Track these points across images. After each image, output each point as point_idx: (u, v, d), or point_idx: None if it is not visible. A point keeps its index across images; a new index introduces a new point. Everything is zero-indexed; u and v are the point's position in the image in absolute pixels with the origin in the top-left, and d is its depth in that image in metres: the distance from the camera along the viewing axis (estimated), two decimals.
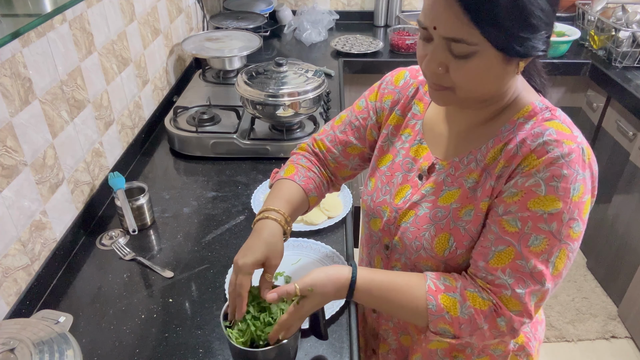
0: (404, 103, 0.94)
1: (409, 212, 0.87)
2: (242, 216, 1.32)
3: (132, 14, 1.55)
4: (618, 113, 2.20)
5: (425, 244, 0.83)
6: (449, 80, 0.73)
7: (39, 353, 0.73)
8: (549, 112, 0.77)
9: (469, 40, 0.68)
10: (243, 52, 1.94)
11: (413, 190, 0.88)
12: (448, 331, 0.78)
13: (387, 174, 0.93)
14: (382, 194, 0.92)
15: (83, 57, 1.26)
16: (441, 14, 0.68)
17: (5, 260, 0.98)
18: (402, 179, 0.90)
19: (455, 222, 0.81)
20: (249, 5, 2.57)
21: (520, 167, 0.74)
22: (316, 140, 1.06)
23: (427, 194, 0.85)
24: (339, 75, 2.18)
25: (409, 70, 0.96)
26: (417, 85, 0.93)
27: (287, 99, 1.50)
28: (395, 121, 0.94)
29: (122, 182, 1.23)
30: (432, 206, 0.84)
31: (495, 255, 0.76)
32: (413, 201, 0.87)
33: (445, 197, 0.83)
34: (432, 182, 0.85)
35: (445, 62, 0.71)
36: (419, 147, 0.90)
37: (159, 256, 1.20)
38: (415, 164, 0.89)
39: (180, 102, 1.78)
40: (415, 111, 0.92)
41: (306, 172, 1.00)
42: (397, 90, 0.95)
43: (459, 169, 0.83)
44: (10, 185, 0.99)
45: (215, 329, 1.00)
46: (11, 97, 0.99)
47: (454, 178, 0.83)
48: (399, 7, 2.70)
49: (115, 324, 1.02)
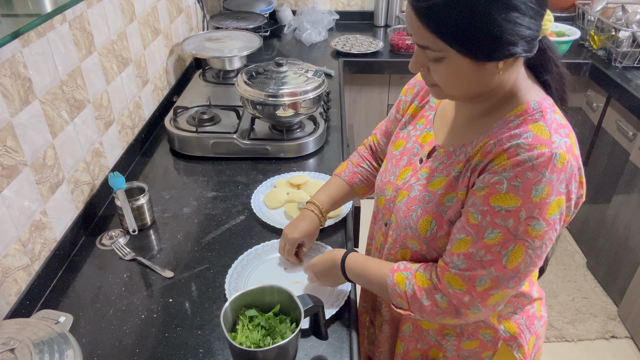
0: (422, 95, 1.01)
1: (404, 192, 0.93)
2: (242, 216, 1.32)
3: (132, 14, 1.55)
4: (618, 113, 2.20)
5: (412, 224, 0.90)
6: (430, 80, 0.80)
7: (39, 353, 0.73)
8: (539, 113, 0.78)
9: (433, 47, 0.74)
10: (243, 52, 1.94)
11: (412, 172, 0.94)
12: (402, 304, 0.88)
13: (397, 157, 1.00)
14: (389, 174, 0.99)
15: (83, 57, 1.26)
16: (410, 23, 0.75)
17: (5, 260, 0.98)
18: (407, 161, 0.97)
19: (438, 207, 0.86)
20: (249, 5, 2.57)
21: (491, 164, 0.77)
22: (372, 134, 1.21)
23: (422, 178, 0.91)
24: (339, 75, 2.18)
25: None
26: None
27: (287, 99, 1.50)
28: (413, 110, 1.02)
29: (122, 182, 1.23)
30: (423, 189, 0.90)
31: (456, 242, 0.81)
32: (410, 183, 0.93)
33: (435, 183, 0.88)
34: (428, 168, 0.91)
35: (425, 64, 0.79)
36: (427, 134, 0.96)
37: (159, 256, 1.20)
38: (421, 149, 0.95)
39: (180, 102, 1.78)
40: (432, 103, 0.99)
41: (354, 167, 1.18)
42: (418, 83, 1.03)
43: (450, 158, 0.87)
44: (10, 185, 0.99)
45: (215, 329, 1.00)
46: (11, 97, 0.99)
47: (445, 166, 0.88)
48: (399, 7, 2.70)
49: (115, 324, 1.02)
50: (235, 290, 1.06)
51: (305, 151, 1.58)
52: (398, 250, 0.95)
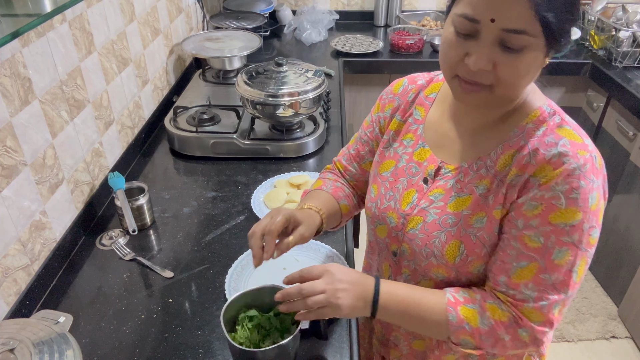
0: (404, 108, 0.93)
1: (417, 218, 0.85)
2: (242, 216, 1.32)
3: (132, 13, 1.55)
4: (618, 113, 2.20)
5: (436, 251, 0.82)
6: (490, 78, 0.71)
7: (39, 353, 0.73)
8: (558, 117, 0.76)
9: (531, 31, 0.66)
10: (243, 52, 1.94)
11: (419, 195, 0.86)
12: (469, 342, 0.79)
13: (390, 180, 0.91)
14: (386, 200, 0.91)
15: (83, 57, 1.26)
16: (505, 5, 0.66)
17: (5, 260, 0.98)
18: (407, 183, 0.88)
19: (465, 230, 0.79)
20: (249, 5, 2.57)
21: (536, 178, 0.73)
22: (335, 161, 1.09)
23: (436, 200, 0.83)
24: (339, 75, 2.18)
25: (408, 78, 0.96)
26: (417, 90, 0.93)
27: (287, 99, 1.50)
28: (396, 126, 0.94)
29: (122, 182, 1.23)
30: (441, 212, 0.82)
31: (517, 271, 0.75)
32: (421, 207, 0.85)
33: (455, 204, 0.81)
34: (441, 188, 0.84)
35: (495, 58, 0.69)
36: (421, 151, 0.88)
37: (159, 256, 1.20)
38: (420, 167, 0.88)
39: (180, 102, 1.78)
40: (417, 116, 0.91)
41: (334, 182, 1.04)
42: (397, 97, 0.95)
43: (468, 174, 0.81)
44: (10, 185, 0.99)
45: (215, 329, 1.00)
46: (11, 97, 0.99)
47: (464, 184, 0.81)
48: (399, 7, 2.70)
49: (115, 324, 1.02)
50: (235, 290, 1.06)
51: (305, 151, 1.58)
52: (419, 281, 0.88)
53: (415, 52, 2.41)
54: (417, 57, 2.39)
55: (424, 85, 0.92)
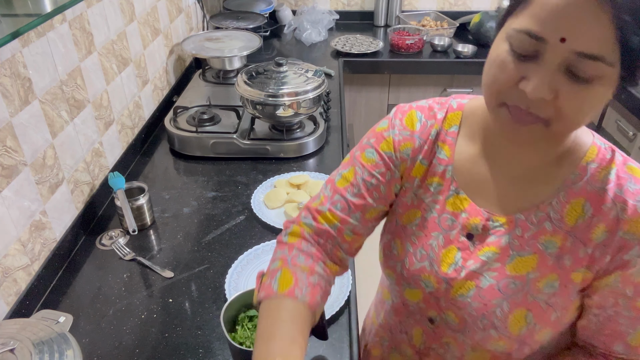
0: (427, 150, 0.77)
1: (467, 283, 0.72)
2: (242, 216, 1.32)
3: (132, 14, 1.55)
4: (618, 113, 2.20)
5: (497, 322, 0.70)
6: (549, 110, 0.58)
7: (39, 353, 0.73)
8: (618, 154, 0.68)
9: (608, 58, 0.53)
10: (243, 52, 1.94)
11: (464, 254, 0.73)
12: None
13: (418, 235, 0.77)
14: (417, 260, 0.77)
15: (83, 57, 1.26)
16: (581, 22, 0.53)
17: (5, 260, 0.98)
18: (444, 240, 0.75)
19: (534, 296, 0.68)
20: (249, 5, 2.57)
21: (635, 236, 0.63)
22: (320, 212, 0.81)
23: (490, 261, 0.71)
24: (339, 75, 2.18)
25: (419, 109, 0.79)
26: (438, 126, 0.77)
27: (287, 99, 1.50)
28: (421, 172, 0.77)
29: (122, 182, 1.23)
30: (500, 276, 0.70)
31: (635, 336, 0.69)
32: (470, 269, 0.72)
33: (517, 265, 0.69)
34: (493, 246, 0.71)
35: (557, 86, 0.57)
36: (456, 199, 0.74)
37: (159, 256, 1.20)
38: (457, 219, 0.74)
39: (180, 102, 1.78)
40: (442, 155, 0.76)
41: (308, 276, 0.76)
42: (416, 135, 0.77)
43: (527, 229, 0.69)
44: (10, 185, 0.99)
45: (215, 329, 1.00)
46: (11, 97, 0.99)
47: (524, 241, 0.69)
48: (399, 7, 2.70)
49: (115, 324, 1.02)
50: (235, 290, 1.06)
51: (305, 151, 1.58)
52: (467, 352, 0.77)
53: (415, 52, 2.41)
54: (417, 57, 2.39)
55: (442, 119, 0.78)
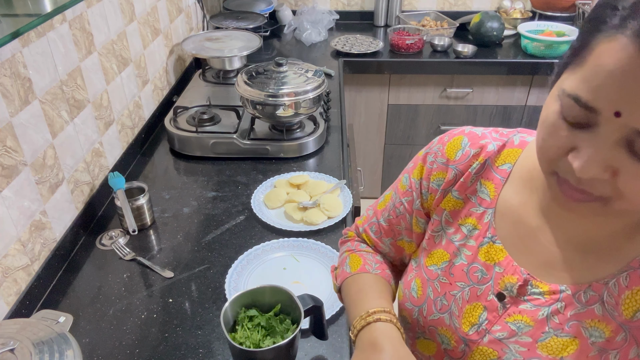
0: (464, 182, 0.67)
1: (488, 351, 0.63)
2: (242, 216, 1.32)
3: (132, 14, 1.55)
4: None
5: None
6: (606, 189, 0.49)
7: (39, 353, 0.73)
8: None
9: None
10: (243, 52, 1.94)
11: (490, 316, 0.63)
12: None
13: (442, 281, 0.68)
14: (436, 310, 0.68)
15: (83, 57, 1.26)
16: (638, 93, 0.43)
17: (5, 260, 0.98)
18: (470, 294, 0.65)
19: None
20: (249, 5, 2.57)
21: None
22: (360, 232, 0.84)
23: (520, 332, 0.60)
24: (339, 75, 2.18)
25: (469, 136, 0.69)
26: (483, 158, 0.67)
27: (287, 99, 1.50)
28: (452, 205, 0.69)
29: (122, 182, 1.23)
30: (529, 353, 0.59)
31: None
32: (495, 336, 0.62)
33: (551, 346, 0.58)
34: (528, 317, 0.60)
35: (616, 164, 0.47)
36: (490, 248, 0.64)
37: (159, 256, 1.20)
38: (489, 273, 0.64)
39: (180, 102, 1.78)
40: (483, 194, 0.66)
41: (374, 256, 0.80)
42: (453, 165, 0.68)
43: (572, 307, 0.58)
44: (10, 185, 0.99)
45: (215, 329, 1.00)
46: (11, 97, 0.99)
47: (565, 319, 0.58)
48: (399, 7, 2.70)
49: (115, 324, 1.02)
50: (235, 290, 1.06)
51: (305, 151, 1.58)
52: None
53: (415, 52, 2.41)
54: (417, 57, 2.39)
55: (493, 153, 0.67)
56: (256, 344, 0.85)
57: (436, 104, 2.50)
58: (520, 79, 2.40)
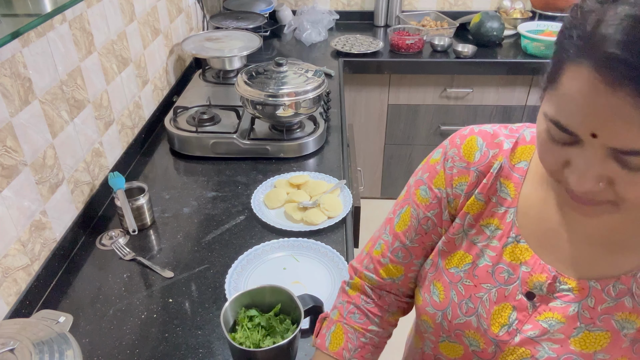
0: (486, 184, 0.67)
1: (521, 351, 0.63)
2: (242, 216, 1.32)
3: (132, 14, 1.55)
4: None
5: None
6: (609, 194, 0.51)
7: (39, 353, 0.73)
8: None
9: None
10: (243, 52, 1.94)
11: (521, 315, 0.64)
12: None
13: (466, 283, 0.68)
14: (462, 313, 0.67)
15: (83, 57, 1.26)
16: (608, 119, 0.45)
17: (5, 260, 0.98)
18: (497, 295, 0.65)
19: None
20: (249, 5, 2.57)
21: None
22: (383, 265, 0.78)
23: (552, 330, 0.61)
24: (339, 75, 2.18)
25: (481, 135, 0.68)
26: (501, 158, 0.67)
27: (287, 99, 1.50)
28: (476, 208, 0.68)
29: (122, 182, 1.23)
30: (562, 349, 0.60)
31: None
32: (527, 336, 0.63)
33: (584, 341, 0.60)
34: (559, 314, 0.61)
35: (609, 174, 0.49)
36: (515, 248, 0.64)
37: (159, 256, 1.20)
38: (515, 273, 0.64)
39: (180, 102, 1.78)
40: (504, 194, 0.66)
41: (359, 337, 0.78)
42: (473, 167, 0.67)
43: (602, 301, 0.59)
44: (10, 185, 0.99)
45: (216, 329, 1.00)
46: (11, 97, 0.99)
47: (596, 313, 0.59)
48: (399, 7, 2.70)
49: (115, 324, 1.02)
50: (235, 290, 1.06)
51: (305, 151, 1.58)
52: None
53: (415, 52, 2.41)
54: (417, 57, 2.39)
55: (509, 150, 0.67)
56: (256, 344, 0.85)
57: (436, 104, 2.50)
58: (520, 79, 2.41)
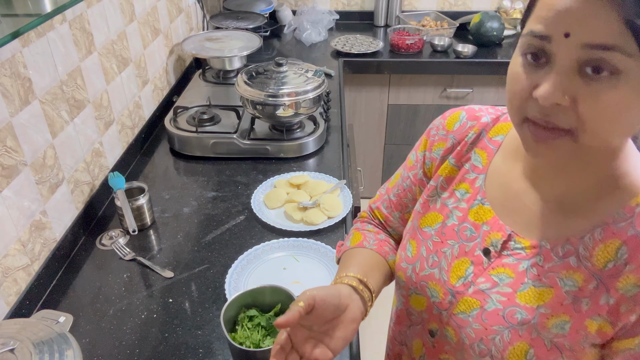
0: (460, 151, 0.74)
1: (472, 301, 0.68)
2: (242, 216, 1.32)
3: (132, 14, 1.55)
4: None
5: (494, 351, 0.65)
6: (569, 119, 0.53)
7: (39, 353, 0.73)
8: None
9: (623, 47, 0.48)
10: (243, 52, 1.94)
11: (476, 269, 0.68)
12: None
13: (434, 240, 0.74)
14: (428, 266, 0.73)
15: (83, 57, 1.26)
16: (584, 15, 0.48)
17: (5, 260, 0.98)
18: (459, 250, 0.71)
19: (539, 332, 0.62)
20: (249, 5, 2.57)
21: None
22: (373, 209, 0.91)
23: (501, 283, 0.66)
24: (339, 75, 2.18)
25: (467, 110, 0.77)
26: (478, 129, 0.74)
27: (287, 99, 1.50)
28: (448, 172, 0.75)
29: (122, 182, 1.23)
30: (508, 302, 0.64)
31: None
32: (479, 287, 0.67)
33: (529, 295, 0.63)
34: (509, 269, 0.66)
35: (573, 89, 0.51)
36: (480, 209, 0.70)
37: (159, 256, 1.20)
38: (477, 231, 0.69)
39: (180, 102, 1.78)
40: (476, 162, 0.72)
41: (375, 235, 0.85)
42: (451, 135, 0.75)
43: (550, 260, 0.63)
44: (10, 185, 0.99)
45: (215, 329, 1.00)
46: (11, 97, 0.99)
47: (543, 271, 0.63)
48: (399, 7, 2.70)
49: (115, 324, 1.02)
50: (235, 290, 1.06)
51: (305, 151, 1.58)
52: None
53: (415, 52, 2.41)
54: (417, 57, 2.39)
55: (488, 124, 0.74)
56: (256, 344, 0.85)
57: (436, 104, 2.50)
58: None
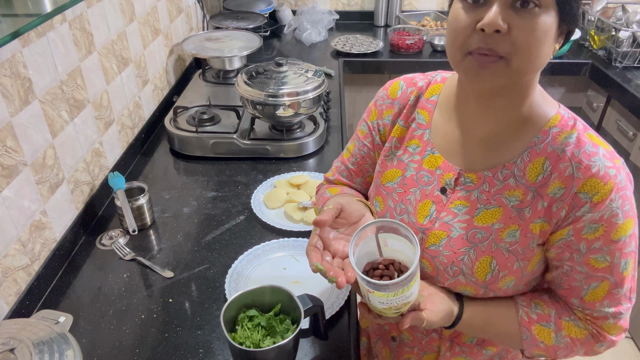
0: (406, 113, 0.87)
1: (439, 233, 0.80)
2: (242, 216, 1.32)
3: (132, 14, 1.55)
4: (618, 113, 2.20)
5: (465, 269, 0.78)
6: (506, 45, 0.65)
7: (39, 353, 0.73)
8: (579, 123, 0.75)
9: None
10: (243, 52, 1.94)
11: (438, 207, 0.81)
12: (543, 356, 0.82)
13: (398, 191, 0.86)
14: (397, 214, 0.85)
15: (83, 57, 1.26)
16: None
17: (5, 260, 0.98)
18: (421, 194, 0.83)
19: (497, 244, 0.76)
20: (249, 5, 2.57)
21: (587, 194, 0.70)
22: (332, 180, 1.01)
23: (460, 213, 0.79)
24: (339, 75, 2.18)
25: (403, 79, 0.90)
26: (417, 92, 0.88)
27: (287, 99, 1.50)
28: (399, 133, 0.88)
29: (122, 182, 1.23)
30: (468, 226, 0.78)
31: (589, 292, 0.76)
32: (443, 220, 0.80)
33: (483, 217, 0.77)
34: (463, 200, 0.79)
35: (508, 20, 0.64)
36: (431, 158, 0.83)
37: (159, 256, 1.20)
38: (432, 176, 0.82)
39: (180, 102, 1.78)
40: (421, 120, 0.86)
41: (349, 189, 0.97)
42: (397, 102, 0.89)
43: (494, 185, 0.77)
44: (10, 185, 0.99)
45: (215, 329, 1.00)
46: (11, 97, 0.99)
47: (490, 195, 0.77)
48: (399, 7, 2.70)
49: (115, 324, 1.02)
50: (235, 290, 1.06)
51: (305, 151, 1.58)
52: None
53: (415, 52, 2.41)
54: (417, 57, 2.39)
55: (423, 88, 0.88)
56: (256, 344, 0.85)
57: None
58: None
